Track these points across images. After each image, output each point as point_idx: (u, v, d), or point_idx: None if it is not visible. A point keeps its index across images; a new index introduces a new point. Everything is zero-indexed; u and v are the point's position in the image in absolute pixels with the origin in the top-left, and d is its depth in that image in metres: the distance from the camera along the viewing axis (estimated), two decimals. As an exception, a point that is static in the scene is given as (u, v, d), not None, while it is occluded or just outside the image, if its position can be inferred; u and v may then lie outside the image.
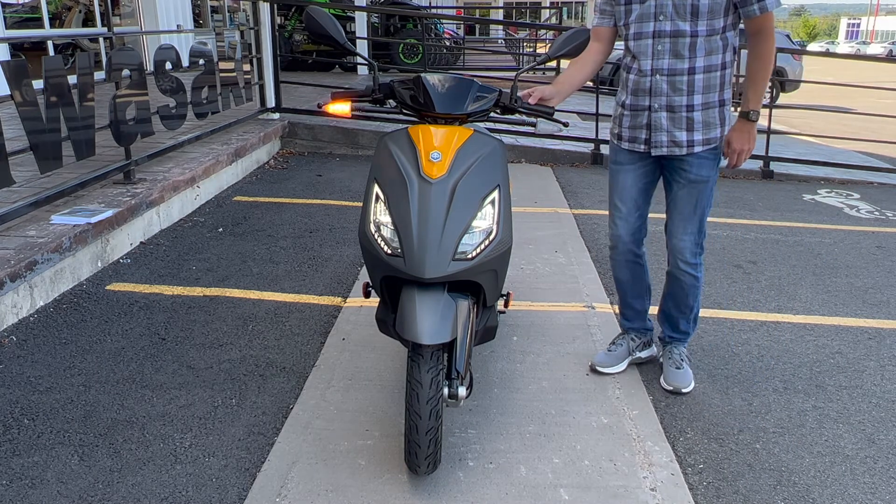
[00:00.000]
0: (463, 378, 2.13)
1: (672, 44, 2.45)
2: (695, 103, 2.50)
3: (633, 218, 2.75)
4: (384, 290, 2.27)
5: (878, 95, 16.49)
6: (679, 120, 2.52)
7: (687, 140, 2.54)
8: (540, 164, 6.93)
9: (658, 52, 2.48)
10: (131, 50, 4.50)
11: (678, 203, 2.65)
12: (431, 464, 2.11)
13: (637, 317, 2.95)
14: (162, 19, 11.31)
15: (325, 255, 4.18)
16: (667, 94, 2.50)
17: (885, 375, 3.00)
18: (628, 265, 2.84)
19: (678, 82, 2.48)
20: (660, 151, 2.58)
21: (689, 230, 2.67)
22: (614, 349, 2.92)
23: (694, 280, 2.74)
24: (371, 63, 2.55)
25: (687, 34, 2.42)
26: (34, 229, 3.55)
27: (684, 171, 2.59)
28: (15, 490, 2.15)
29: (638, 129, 2.60)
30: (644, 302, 2.93)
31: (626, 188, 2.71)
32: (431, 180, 2.12)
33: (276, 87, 7.09)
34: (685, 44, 2.44)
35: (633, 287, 2.89)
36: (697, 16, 2.39)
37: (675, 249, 2.71)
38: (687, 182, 2.60)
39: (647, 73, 2.51)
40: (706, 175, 2.59)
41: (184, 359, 2.95)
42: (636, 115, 2.59)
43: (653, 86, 2.52)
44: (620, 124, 2.67)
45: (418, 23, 12.98)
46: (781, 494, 2.24)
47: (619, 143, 2.69)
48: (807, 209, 5.71)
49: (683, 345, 2.92)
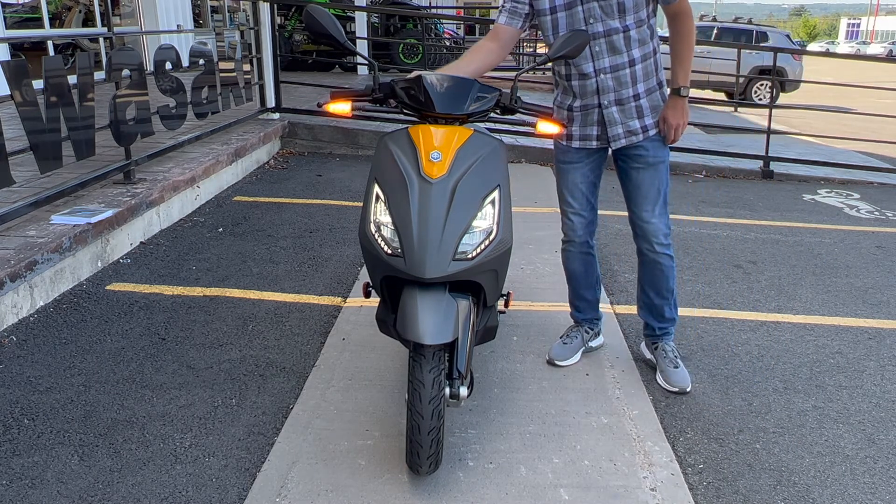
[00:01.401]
0: (464, 378, 2.13)
1: (608, 42, 2.54)
2: (640, 92, 2.61)
3: (586, 212, 2.83)
4: (384, 291, 2.27)
5: (878, 95, 16.48)
6: (629, 110, 2.62)
7: (641, 126, 2.64)
8: (540, 164, 6.93)
9: (597, 54, 2.56)
10: (131, 50, 4.51)
11: (642, 187, 2.72)
12: (433, 464, 2.11)
13: (589, 307, 3.03)
14: (162, 19, 11.31)
15: (325, 255, 4.18)
16: (614, 89, 2.59)
17: (885, 375, 3.00)
18: (582, 257, 2.92)
19: (622, 76, 2.58)
20: (619, 143, 2.67)
21: (658, 212, 2.73)
22: (569, 341, 2.99)
23: (670, 261, 2.81)
24: (371, 63, 2.55)
25: (619, 30, 2.52)
26: (34, 229, 3.55)
27: (641, 155, 2.68)
28: (15, 490, 2.15)
29: (590, 126, 2.69)
30: (595, 292, 3.02)
31: (576, 185, 2.79)
32: (432, 180, 2.12)
33: (276, 87, 7.09)
34: (619, 39, 2.53)
35: (586, 278, 2.97)
36: (625, 12, 2.49)
37: (649, 233, 2.76)
38: (646, 165, 2.69)
39: (590, 76, 2.59)
40: (662, 156, 2.70)
41: (184, 359, 2.95)
42: (587, 114, 2.67)
43: (599, 85, 2.60)
44: (570, 126, 2.74)
45: (418, 23, 12.99)
46: (781, 494, 2.24)
47: (568, 143, 2.75)
48: (807, 209, 5.71)
49: (671, 338, 2.95)
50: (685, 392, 2.78)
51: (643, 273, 2.88)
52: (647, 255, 2.80)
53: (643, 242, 2.79)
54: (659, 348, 2.91)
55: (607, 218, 5.07)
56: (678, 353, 2.91)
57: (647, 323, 2.96)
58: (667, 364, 2.85)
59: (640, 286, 2.92)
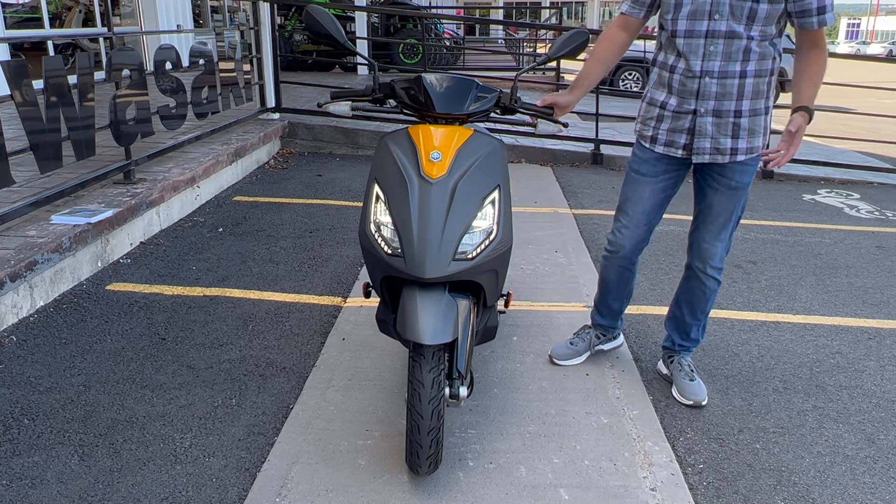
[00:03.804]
0: (464, 378, 2.13)
1: (725, 45, 2.32)
2: (743, 109, 2.39)
3: (640, 229, 2.64)
4: (384, 291, 2.27)
5: (878, 95, 16.49)
6: (725, 126, 2.41)
7: (731, 147, 2.43)
8: (540, 164, 6.93)
9: (710, 53, 2.34)
10: (131, 50, 4.50)
11: (714, 210, 2.54)
12: (433, 464, 2.11)
13: (611, 315, 2.92)
14: (162, 19, 11.31)
15: (325, 255, 4.18)
16: (715, 97, 2.38)
17: (885, 375, 3.00)
18: (621, 271, 2.76)
19: (728, 85, 2.36)
20: (701, 159, 2.46)
21: (723, 237, 2.58)
22: (576, 342, 2.93)
23: (717, 284, 2.66)
24: (371, 63, 2.55)
25: (742, 36, 2.31)
26: (34, 229, 3.55)
27: (725, 178, 2.49)
28: (15, 490, 2.15)
29: (679, 132, 2.47)
30: (622, 303, 2.89)
31: (642, 199, 2.59)
32: (432, 180, 2.12)
33: (276, 87, 7.09)
34: (739, 46, 2.32)
35: (619, 289, 2.82)
36: (753, 20, 2.28)
37: (705, 254, 2.61)
38: (726, 189, 2.50)
39: (696, 75, 2.37)
40: (746, 182, 2.50)
41: (184, 359, 2.95)
42: (679, 117, 2.45)
43: (701, 88, 2.38)
44: (657, 126, 2.52)
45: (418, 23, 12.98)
46: (781, 494, 2.24)
47: (651, 145, 2.54)
48: (807, 209, 5.71)
49: (690, 354, 2.86)
50: (700, 406, 2.70)
51: (683, 288, 2.75)
52: (696, 273, 2.66)
53: (696, 260, 2.65)
54: (675, 362, 2.83)
55: (608, 218, 5.07)
56: (694, 367, 2.82)
57: (668, 335, 2.88)
58: (682, 377, 2.76)
59: (675, 299, 2.80)
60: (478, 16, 35.03)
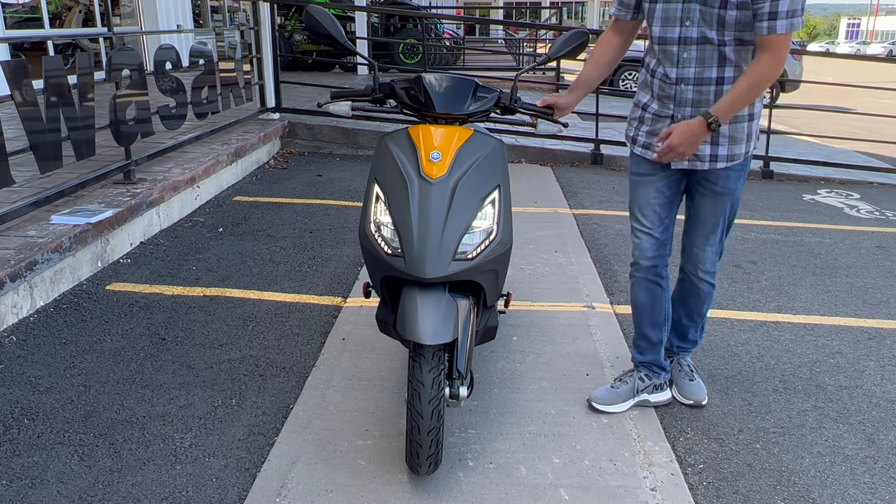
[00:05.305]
0: (464, 378, 2.13)
1: (699, 51, 2.27)
2: None
3: (657, 232, 2.53)
4: (384, 291, 2.27)
5: (878, 95, 16.48)
6: None
7: (710, 154, 2.37)
8: (540, 164, 6.93)
9: (683, 60, 2.30)
10: (131, 50, 4.50)
11: (701, 214, 2.51)
12: (433, 464, 2.11)
13: (651, 349, 2.67)
14: (162, 19, 11.31)
15: (325, 255, 4.18)
16: (692, 104, 2.33)
17: (885, 375, 3.00)
18: (648, 286, 2.60)
19: (705, 92, 2.30)
20: (679, 165, 2.42)
21: (711, 241, 2.54)
22: (618, 386, 2.66)
23: (710, 288, 2.63)
24: (371, 63, 2.55)
25: (714, 42, 2.25)
26: (34, 229, 3.55)
27: (710, 182, 2.44)
28: (15, 490, 2.15)
29: (655, 136, 2.43)
30: (660, 332, 2.66)
31: (649, 201, 2.52)
32: (432, 180, 2.12)
33: (276, 87, 7.09)
34: (713, 52, 2.26)
35: (651, 313, 2.62)
36: (724, 26, 2.22)
37: (696, 258, 2.59)
38: (711, 194, 2.46)
39: (672, 81, 2.34)
40: (733, 187, 2.45)
41: (184, 359, 2.95)
42: (657, 121, 2.42)
43: (677, 94, 2.34)
44: (638, 127, 2.50)
45: (418, 23, 12.98)
46: (781, 494, 2.24)
47: (632, 146, 2.54)
48: (807, 209, 5.71)
49: (690, 354, 2.85)
50: (700, 405, 2.70)
51: (678, 291, 2.72)
52: (689, 276, 2.64)
53: (687, 264, 2.63)
54: (674, 362, 2.82)
55: (608, 218, 5.07)
56: (694, 367, 2.81)
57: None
58: (682, 377, 2.75)
59: (671, 301, 2.71)
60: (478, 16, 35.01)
